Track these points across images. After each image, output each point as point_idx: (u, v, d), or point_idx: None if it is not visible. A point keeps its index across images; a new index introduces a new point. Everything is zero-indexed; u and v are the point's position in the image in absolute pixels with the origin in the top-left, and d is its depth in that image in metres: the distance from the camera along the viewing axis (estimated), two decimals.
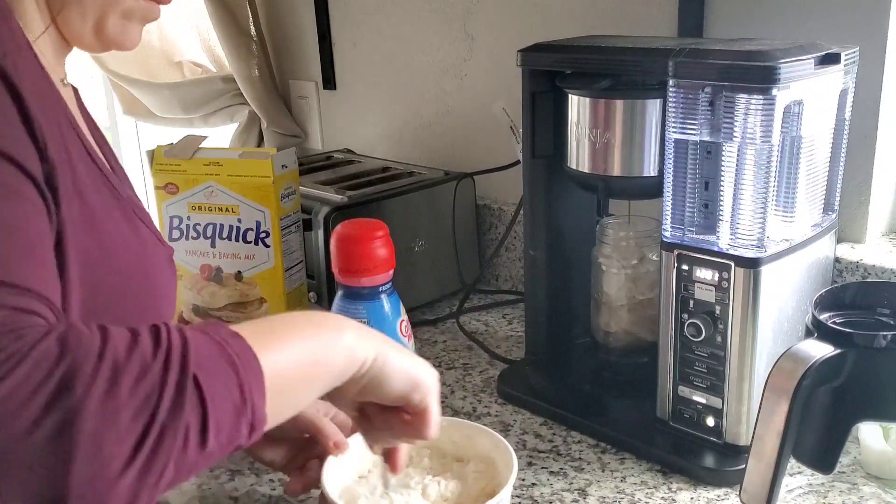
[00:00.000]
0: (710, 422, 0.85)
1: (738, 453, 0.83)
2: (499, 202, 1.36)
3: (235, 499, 0.84)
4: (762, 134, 0.75)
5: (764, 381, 0.65)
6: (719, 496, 0.81)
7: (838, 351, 0.63)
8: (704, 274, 0.81)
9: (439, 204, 1.28)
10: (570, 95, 0.90)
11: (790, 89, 0.75)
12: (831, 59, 0.77)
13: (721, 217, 0.80)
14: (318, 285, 1.17)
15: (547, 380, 1.02)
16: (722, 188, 0.79)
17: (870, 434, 0.82)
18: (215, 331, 0.52)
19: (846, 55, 0.80)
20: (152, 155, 1.06)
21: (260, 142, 1.77)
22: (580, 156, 0.91)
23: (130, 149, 2.30)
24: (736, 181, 0.78)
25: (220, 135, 1.87)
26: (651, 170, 0.87)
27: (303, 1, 1.62)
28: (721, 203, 0.80)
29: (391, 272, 0.88)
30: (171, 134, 1.66)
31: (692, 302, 0.83)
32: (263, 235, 1.04)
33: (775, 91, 0.73)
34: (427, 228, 1.26)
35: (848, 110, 0.85)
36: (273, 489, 0.85)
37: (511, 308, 1.29)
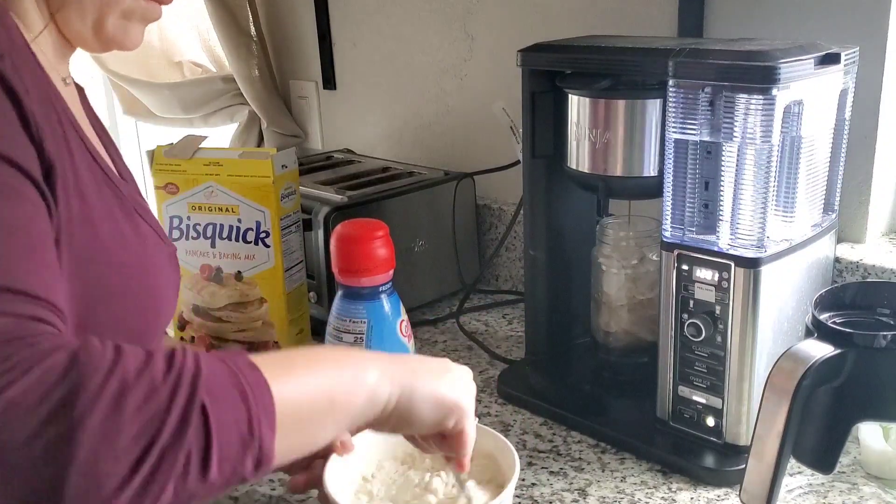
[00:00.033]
0: (710, 422, 0.85)
1: (738, 453, 0.83)
2: (499, 202, 1.36)
3: (235, 499, 0.84)
4: (762, 134, 0.75)
5: (764, 381, 0.65)
6: (719, 496, 0.81)
7: (838, 351, 0.64)
8: (704, 274, 0.81)
9: (439, 204, 1.28)
10: (570, 95, 0.90)
11: (790, 89, 0.75)
12: (831, 59, 0.77)
13: (721, 217, 0.80)
14: (318, 285, 1.17)
15: (547, 380, 1.02)
16: (722, 188, 0.79)
17: (870, 434, 0.82)
18: (232, 360, 0.52)
19: (846, 55, 0.80)
20: (152, 155, 1.06)
21: (260, 142, 1.77)
22: (580, 156, 0.91)
23: (130, 149, 2.30)
24: (736, 181, 0.78)
25: (220, 135, 1.87)
26: (651, 170, 0.88)
27: (303, 1, 1.62)
28: (721, 203, 0.80)
29: (391, 272, 0.88)
30: (171, 134, 1.66)
31: (692, 302, 0.83)
32: (263, 235, 1.04)
33: (775, 91, 0.73)
34: (427, 228, 1.26)
35: (848, 110, 0.85)
36: (273, 489, 0.85)
37: (511, 308, 1.29)
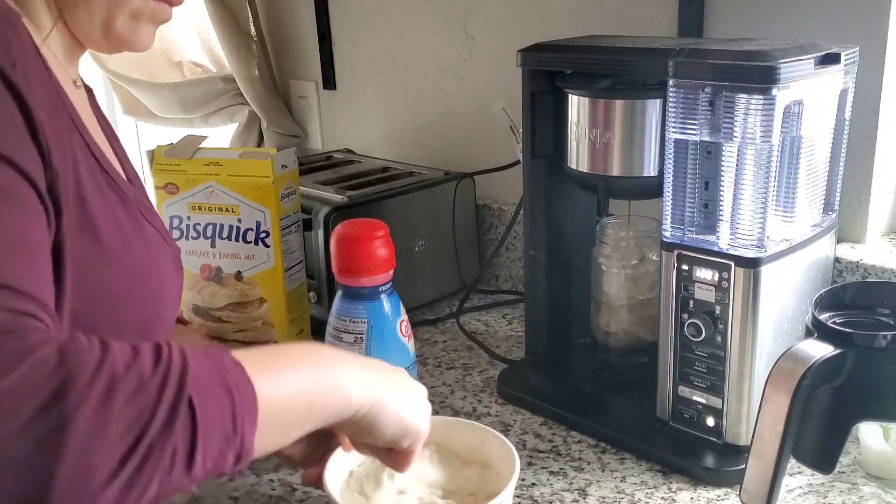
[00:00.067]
0: (710, 422, 0.85)
1: (738, 453, 0.83)
2: (499, 202, 1.36)
3: (235, 499, 0.84)
4: (762, 134, 0.75)
5: (764, 381, 0.65)
6: (719, 496, 0.81)
7: (838, 351, 0.64)
8: (704, 274, 0.81)
9: (439, 204, 1.28)
10: (570, 95, 0.90)
11: (790, 89, 0.75)
12: (831, 59, 0.77)
13: (721, 217, 0.80)
14: (318, 285, 1.17)
15: (547, 380, 1.02)
16: (722, 188, 0.79)
17: (870, 434, 0.82)
18: (218, 357, 0.53)
19: (846, 55, 0.80)
20: (152, 155, 1.06)
21: (260, 142, 1.77)
22: (580, 156, 0.91)
23: (130, 149, 2.28)
24: (736, 181, 0.78)
25: (220, 135, 1.87)
26: (651, 170, 0.87)
27: (303, 1, 1.62)
28: (721, 203, 0.80)
29: (391, 272, 0.88)
30: (171, 134, 1.66)
31: (692, 302, 0.83)
32: (263, 235, 1.04)
33: (775, 91, 0.73)
34: (427, 228, 1.26)
35: (848, 110, 0.85)
36: (273, 489, 0.85)
37: (511, 308, 1.29)
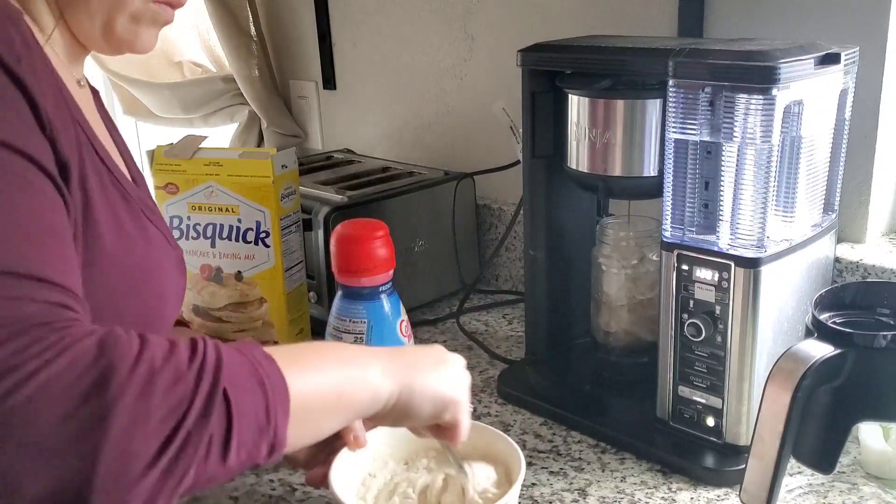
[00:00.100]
0: (710, 422, 0.85)
1: (738, 453, 0.83)
2: (499, 202, 1.36)
3: (235, 499, 0.84)
4: (762, 134, 0.75)
5: (764, 381, 0.65)
6: (719, 496, 0.81)
7: (838, 351, 0.63)
8: (704, 274, 0.81)
9: (439, 204, 1.28)
10: (570, 95, 0.90)
11: (790, 89, 0.75)
12: (831, 59, 0.77)
13: (721, 217, 0.80)
14: (318, 285, 1.17)
15: (547, 380, 1.02)
16: (722, 188, 0.79)
17: (870, 434, 0.82)
18: (249, 351, 0.54)
19: (846, 55, 0.80)
20: (152, 155, 1.06)
21: (260, 142, 1.77)
22: (580, 156, 0.91)
23: (131, 149, 2.29)
24: (736, 181, 0.78)
25: (220, 135, 1.87)
26: (651, 170, 0.87)
27: (303, 1, 1.62)
28: (721, 203, 0.80)
29: (391, 272, 0.88)
30: (171, 134, 1.66)
31: (692, 302, 0.83)
32: (263, 235, 1.04)
33: (775, 91, 0.73)
34: (427, 228, 1.26)
35: (848, 110, 0.85)
36: (273, 489, 0.85)
37: (511, 308, 1.29)
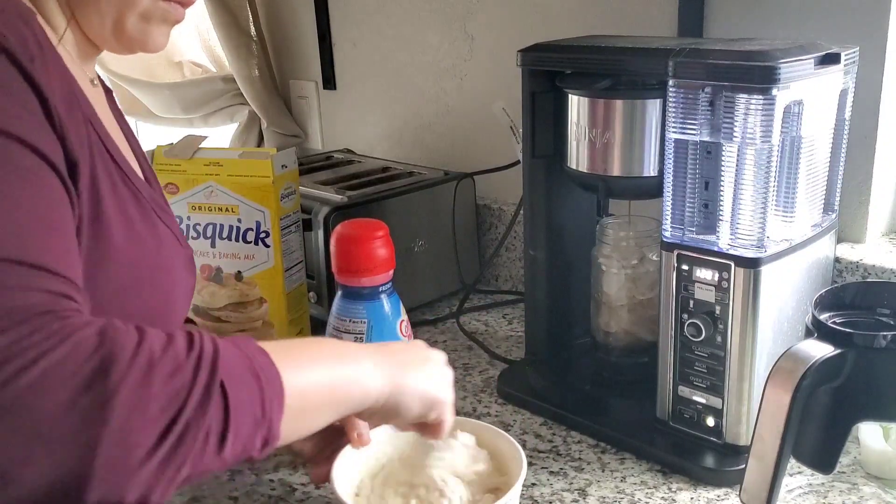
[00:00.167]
0: (710, 422, 0.85)
1: (738, 453, 0.83)
2: (499, 202, 1.36)
3: (235, 499, 0.84)
4: (762, 134, 0.75)
5: (764, 381, 0.65)
6: (719, 496, 0.81)
7: (838, 351, 0.63)
8: (704, 274, 0.81)
9: (439, 204, 1.28)
10: (570, 95, 0.90)
11: (790, 89, 0.75)
12: (831, 59, 0.77)
13: (721, 217, 0.80)
14: (318, 285, 1.17)
15: (547, 380, 1.02)
16: (722, 188, 0.79)
17: (870, 434, 0.82)
18: (244, 344, 0.55)
19: (846, 55, 0.80)
20: (152, 155, 1.06)
21: (260, 142, 1.77)
22: (580, 156, 0.91)
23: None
24: (736, 181, 0.78)
25: (220, 135, 1.87)
26: (651, 170, 0.87)
27: (303, 1, 1.62)
28: (721, 203, 0.80)
29: (391, 272, 0.88)
30: (171, 134, 1.66)
31: (692, 302, 0.83)
32: (263, 235, 1.04)
33: (775, 91, 0.73)
34: (427, 228, 1.26)
35: (848, 110, 0.85)
36: (273, 489, 0.85)
37: (511, 308, 1.29)
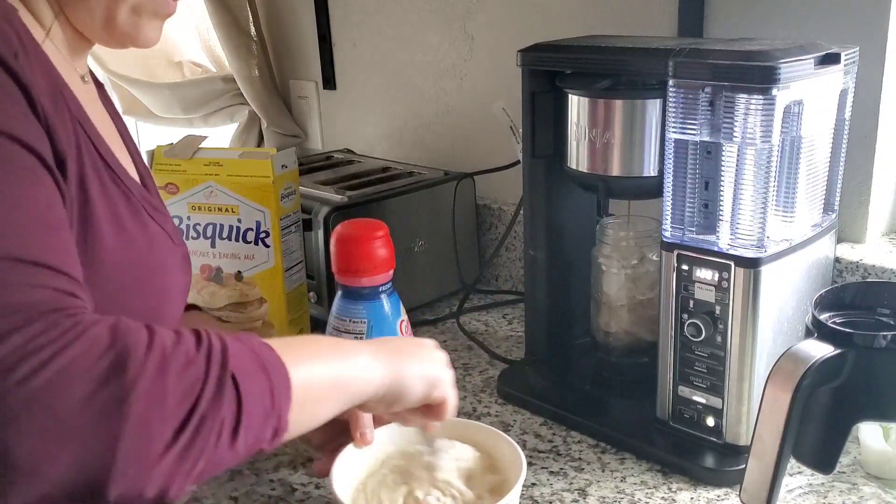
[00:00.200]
0: (710, 422, 0.85)
1: (738, 453, 0.83)
2: (499, 202, 1.36)
3: (235, 499, 0.84)
4: (762, 134, 0.75)
5: (764, 381, 0.65)
6: (719, 496, 0.81)
7: (838, 351, 0.63)
8: (704, 274, 0.81)
9: (439, 204, 1.28)
10: (570, 95, 0.90)
11: (790, 89, 0.75)
12: (831, 59, 0.77)
13: (721, 217, 0.80)
14: (318, 285, 1.17)
15: (547, 380, 1.02)
16: (722, 188, 0.79)
17: (870, 434, 0.82)
18: (249, 340, 0.56)
19: (846, 55, 0.80)
20: (152, 155, 1.07)
21: (260, 142, 1.77)
22: (580, 156, 0.91)
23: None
24: (736, 181, 0.78)
25: (220, 135, 1.87)
26: (651, 170, 0.87)
27: (303, 1, 1.62)
28: (721, 203, 0.80)
29: (391, 272, 0.88)
30: (171, 134, 1.66)
31: (692, 302, 0.83)
32: (263, 235, 1.04)
33: (775, 91, 0.73)
34: (427, 228, 1.26)
35: (848, 110, 0.85)
36: (273, 489, 0.85)
37: (511, 308, 1.29)
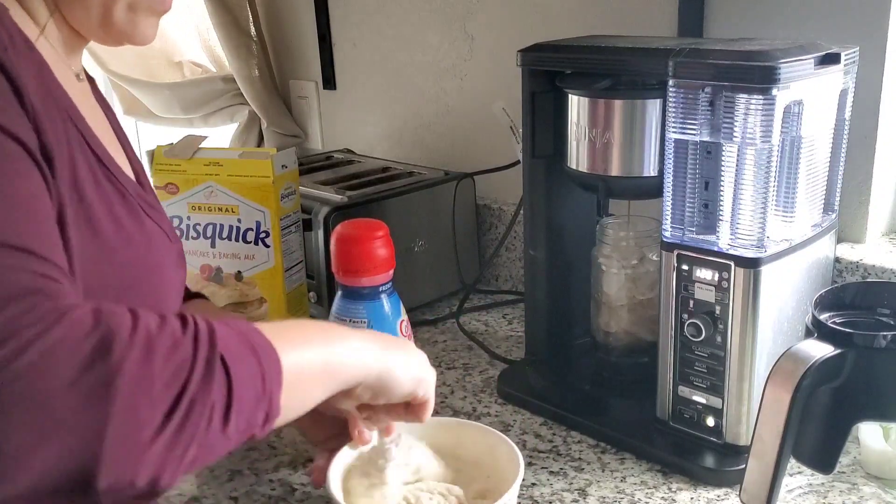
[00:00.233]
0: (710, 422, 0.85)
1: (738, 453, 0.83)
2: (499, 202, 1.36)
3: (235, 499, 0.84)
4: (762, 134, 0.75)
5: (764, 381, 0.65)
6: (719, 496, 0.81)
7: (838, 351, 0.63)
8: (704, 274, 0.81)
9: (439, 204, 1.28)
10: (570, 95, 0.90)
11: (790, 89, 0.75)
12: (831, 59, 0.77)
13: (721, 217, 0.80)
14: (318, 285, 1.17)
15: (547, 380, 1.02)
16: (722, 188, 0.79)
17: (870, 434, 0.82)
18: (237, 324, 0.55)
19: (846, 55, 0.80)
20: (152, 155, 1.07)
21: (260, 142, 1.77)
22: (580, 156, 0.91)
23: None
24: (736, 181, 0.78)
25: (220, 135, 1.87)
26: (651, 170, 0.87)
27: (303, 1, 1.62)
28: (721, 203, 0.80)
29: (391, 272, 0.88)
30: (171, 134, 1.66)
31: (692, 302, 0.83)
32: (263, 235, 1.04)
33: (775, 91, 0.73)
34: (427, 228, 1.26)
35: (848, 110, 0.85)
36: (273, 489, 0.85)
37: (511, 308, 1.29)
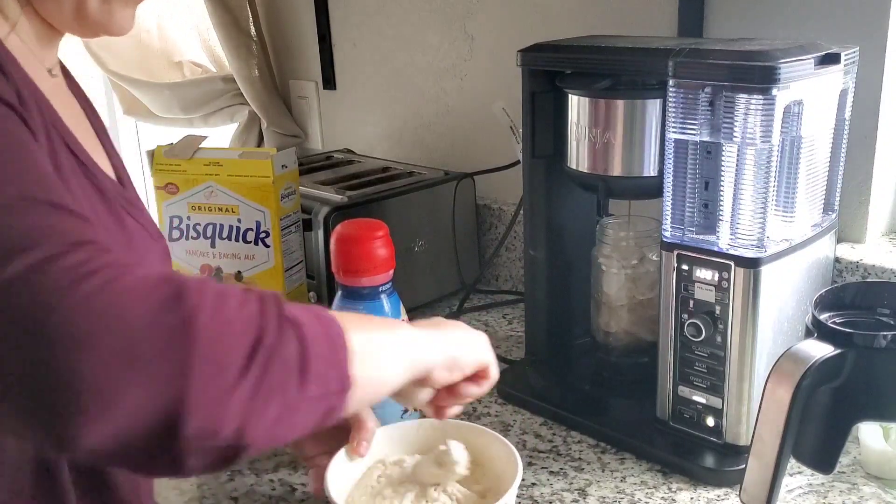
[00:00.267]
0: (710, 422, 0.85)
1: (738, 453, 0.83)
2: (499, 202, 1.36)
3: (235, 499, 0.84)
4: (762, 134, 0.75)
5: (764, 381, 0.65)
6: (719, 496, 0.81)
7: (838, 351, 0.63)
8: (704, 274, 0.81)
9: (439, 204, 1.28)
10: (570, 95, 0.90)
11: (790, 89, 0.75)
12: (831, 59, 0.77)
13: (721, 217, 0.80)
14: (318, 285, 1.17)
15: (547, 380, 1.02)
16: (722, 188, 0.79)
17: (870, 434, 0.82)
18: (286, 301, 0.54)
19: (846, 55, 0.80)
20: (152, 155, 1.07)
21: (260, 142, 1.77)
22: (580, 156, 0.91)
23: (130, 149, 2.30)
24: (736, 181, 0.78)
25: (220, 135, 1.87)
26: (651, 170, 0.87)
27: (303, 1, 1.62)
28: (721, 203, 0.80)
29: (391, 272, 0.88)
30: (171, 134, 1.66)
31: (692, 302, 0.83)
32: (263, 235, 1.04)
33: (775, 91, 0.73)
34: (427, 228, 1.26)
35: (848, 110, 0.85)
36: (273, 489, 0.85)
37: (511, 308, 1.29)
